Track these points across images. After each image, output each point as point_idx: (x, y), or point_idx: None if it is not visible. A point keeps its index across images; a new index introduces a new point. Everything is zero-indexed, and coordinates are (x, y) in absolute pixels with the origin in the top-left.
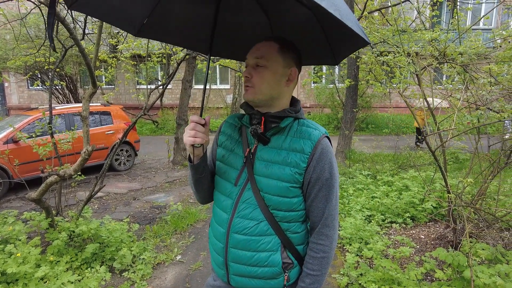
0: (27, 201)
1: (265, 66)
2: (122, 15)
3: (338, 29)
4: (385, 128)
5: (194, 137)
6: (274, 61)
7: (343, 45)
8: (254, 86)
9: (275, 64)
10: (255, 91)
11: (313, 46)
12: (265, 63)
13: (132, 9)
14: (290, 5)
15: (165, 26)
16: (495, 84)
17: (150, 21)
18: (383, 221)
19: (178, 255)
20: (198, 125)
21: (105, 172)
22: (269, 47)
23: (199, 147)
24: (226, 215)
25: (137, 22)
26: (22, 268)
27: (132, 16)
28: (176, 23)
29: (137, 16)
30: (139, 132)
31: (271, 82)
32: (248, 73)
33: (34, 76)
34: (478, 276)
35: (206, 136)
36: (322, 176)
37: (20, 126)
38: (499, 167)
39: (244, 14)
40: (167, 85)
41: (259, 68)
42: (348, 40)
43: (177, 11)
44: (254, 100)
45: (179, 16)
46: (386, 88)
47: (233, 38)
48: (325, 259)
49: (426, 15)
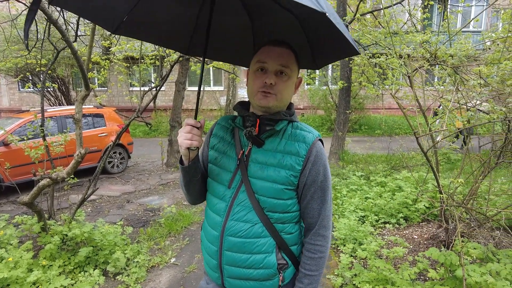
0: (18, 205)
1: (289, 75)
2: (100, 12)
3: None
4: (378, 129)
5: (191, 140)
6: (294, 70)
7: (330, 51)
8: (277, 93)
9: (295, 73)
10: (278, 98)
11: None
12: (289, 72)
13: (111, 6)
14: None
15: (145, 24)
16: (485, 85)
17: (129, 19)
18: (376, 221)
19: (172, 258)
20: (194, 129)
21: (98, 174)
22: (290, 55)
23: (195, 150)
24: (219, 218)
25: (116, 20)
26: (14, 273)
27: (111, 13)
28: (157, 21)
29: (116, 13)
30: (132, 134)
31: (290, 92)
32: (273, 81)
33: (25, 78)
34: (469, 275)
35: (201, 139)
36: (317, 179)
37: (11, 129)
38: (489, 167)
39: (232, 17)
40: (160, 87)
41: (283, 77)
42: (338, 47)
43: (159, 10)
44: (272, 107)
45: (161, 15)
46: (378, 89)
47: (221, 40)
48: (322, 259)
49: (418, 17)
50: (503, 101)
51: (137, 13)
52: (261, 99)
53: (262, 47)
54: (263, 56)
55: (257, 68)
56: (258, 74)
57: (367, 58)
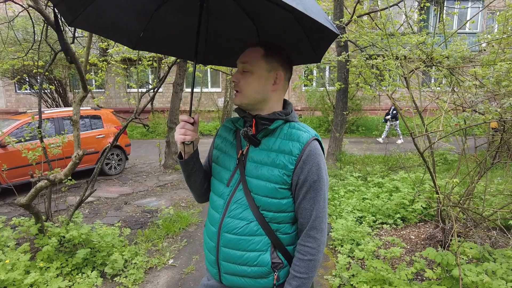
0: (15, 207)
1: (250, 71)
2: (119, 30)
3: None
4: (375, 130)
5: (184, 134)
6: (258, 66)
7: (320, 41)
8: (241, 91)
9: (259, 69)
10: (242, 95)
11: (298, 46)
12: (250, 68)
13: (128, 24)
14: (270, 8)
15: (159, 38)
16: (480, 86)
17: (145, 35)
18: (374, 222)
19: (170, 259)
20: (187, 124)
21: (96, 176)
22: (254, 52)
23: (189, 144)
24: (218, 215)
25: (134, 36)
26: (11, 275)
27: (129, 30)
28: (169, 34)
29: (133, 30)
30: (129, 135)
31: (256, 87)
32: (235, 78)
33: (22, 80)
34: (466, 274)
35: (196, 134)
36: (309, 178)
37: (8, 130)
38: (485, 168)
39: (231, 21)
40: (158, 88)
41: (245, 74)
42: (320, 34)
43: (170, 23)
44: (241, 105)
45: (172, 27)
46: (375, 90)
47: (223, 45)
48: (312, 262)
49: (414, 19)
50: (498, 101)
51: (151, 29)
52: (234, 98)
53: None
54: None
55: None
56: None
57: (364, 59)
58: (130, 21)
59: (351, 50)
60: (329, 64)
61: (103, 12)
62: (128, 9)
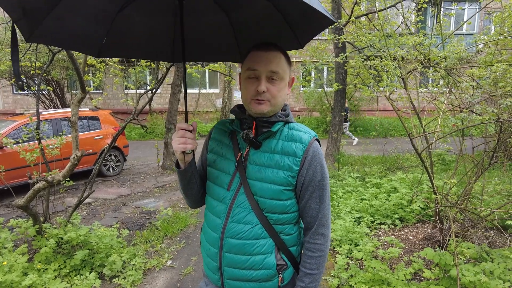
0: (13, 208)
1: (281, 78)
2: (79, 40)
3: (300, 11)
4: (373, 131)
5: (185, 144)
6: (285, 72)
7: (308, 26)
8: (271, 99)
9: (286, 74)
10: (272, 104)
11: (276, 34)
12: (281, 76)
13: (88, 31)
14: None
15: (126, 42)
16: (477, 87)
17: (108, 41)
18: (372, 222)
19: (168, 260)
20: (187, 132)
21: (94, 177)
22: (280, 59)
23: (190, 153)
24: (219, 220)
25: (96, 44)
26: (9, 277)
27: (90, 38)
28: (136, 37)
29: (95, 37)
30: (128, 137)
31: (283, 94)
32: (265, 88)
33: (20, 81)
34: (464, 274)
35: (196, 142)
36: (315, 178)
37: (5, 131)
38: (483, 168)
39: (204, 16)
40: (156, 89)
41: (274, 81)
42: (312, 20)
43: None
44: (268, 113)
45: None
46: (373, 91)
47: (200, 41)
48: (322, 257)
49: (412, 20)
50: (495, 102)
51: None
52: (256, 107)
53: (250, 52)
54: (252, 63)
55: (248, 76)
56: (250, 81)
57: (362, 60)
58: (90, 27)
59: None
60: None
61: (61, 22)
62: (87, 15)
